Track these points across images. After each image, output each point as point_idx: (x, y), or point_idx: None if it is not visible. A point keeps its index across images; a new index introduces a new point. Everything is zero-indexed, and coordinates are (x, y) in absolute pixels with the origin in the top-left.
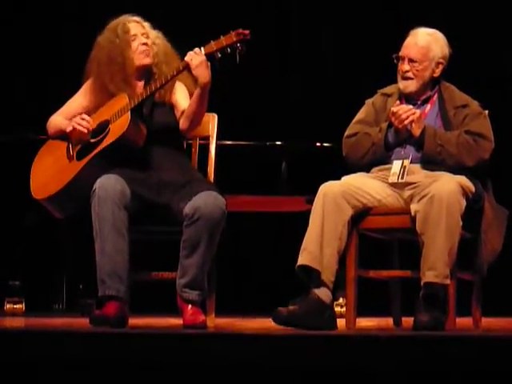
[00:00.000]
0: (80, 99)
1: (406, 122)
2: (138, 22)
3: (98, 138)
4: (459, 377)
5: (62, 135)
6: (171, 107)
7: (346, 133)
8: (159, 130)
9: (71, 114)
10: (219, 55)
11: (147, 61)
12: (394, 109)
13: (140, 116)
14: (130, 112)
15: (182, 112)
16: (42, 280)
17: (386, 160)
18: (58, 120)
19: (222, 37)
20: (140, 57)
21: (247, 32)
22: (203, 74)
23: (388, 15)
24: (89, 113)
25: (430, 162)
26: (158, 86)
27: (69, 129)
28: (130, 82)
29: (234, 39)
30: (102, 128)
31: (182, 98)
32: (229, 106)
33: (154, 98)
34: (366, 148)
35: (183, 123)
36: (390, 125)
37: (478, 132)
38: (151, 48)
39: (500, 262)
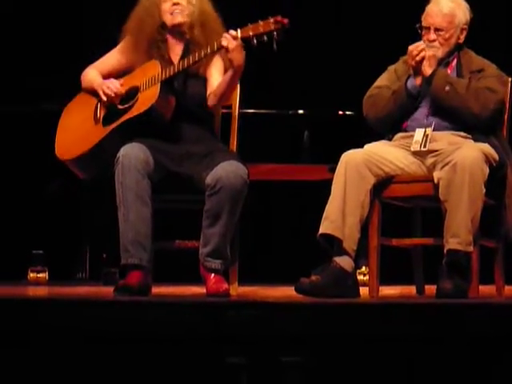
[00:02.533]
0: (117, 55)
1: (417, 57)
2: None
3: (126, 106)
4: (482, 344)
5: (93, 91)
6: (204, 80)
7: (366, 95)
8: (189, 103)
9: (106, 69)
10: (255, 41)
11: (179, 19)
12: (410, 47)
13: (170, 88)
14: (160, 84)
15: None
16: (65, 249)
17: (409, 109)
18: (92, 75)
19: (260, 22)
20: (171, 17)
21: (286, 21)
22: (237, 57)
23: None
24: (124, 70)
25: (436, 104)
26: (192, 62)
27: (100, 93)
28: (166, 41)
29: (272, 27)
30: (132, 95)
31: (216, 73)
32: (251, 74)
33: (189, 68)
34: (387, 98)
35: (211, 100)
36: (409, 76)
37: (487, 86)
38: (187, 7)
39: None
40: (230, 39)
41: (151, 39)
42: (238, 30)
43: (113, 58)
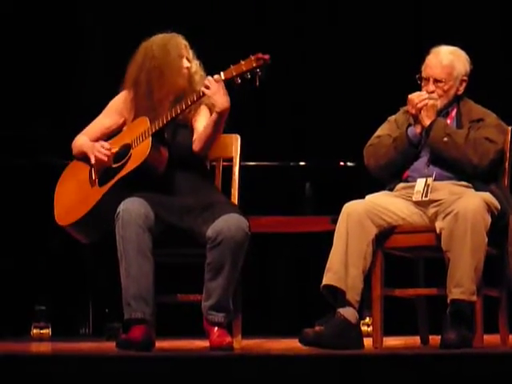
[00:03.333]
0: (104, 119)
1: (419, 105)
2: (185, 46)
3: (120, 164)
4: None
5: (85, 157)
6: (193, 129)
7: (367, 144)
8: (182, 153)
9: (95, 134)
10: (239, 80)
11: (185, 85)
12: (410, 95)
13: (161, 140)
14: (151, 138)
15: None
16: (68, 305)
17: (410, 156)
18: (82, 141)
19: (241, 61)
20: (182, 79)
21: (267, 57)
22: (220, 100)
23: (410, 35)
24: (113, 131)
25: (436, 155)
26: (179, 111)
27: (91, 157)
28: (167, 99)
29: (254, 64)
30: (124, 152)
31: (202, 120)
32: (252, 126)
33: (178, 119)
34: (387, 146)
35: (196, 145)
36: (410, 124)
37: (486, 136)
38: (192, 75)
39: None
40: (212, 82)
41: (159, 93)
42: (221, 73)
43: (100, 123)
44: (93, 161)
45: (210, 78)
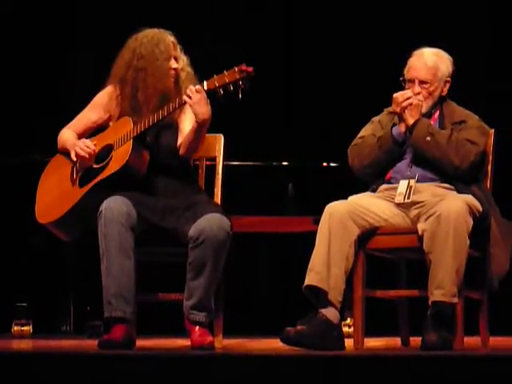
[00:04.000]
0: (89, 114)
1: (403, 104)
2: (174, 44)
3: (101, 165)
4: None
5: (68, 153)
6: (176, 128)
7: (351, 144)
8: (165, 154)
9: (81, 128)
10: (221, 92)
11: (172, 85)
12: (395, 94)
13: (143, 143)
14: (132, 141)
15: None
16: (50, 302)
17: (395, 156)
18: (66, 136)
19: (225, 72)
20: (169, 80)
21: (251, 69)
22: (201, 111)
23: (392, 36)
24: (99, 126)
25: (418, 155)
26: (161, 116)
27: (73, 155)
28: (153, 99)
29: (237, 76)
30: (106, 153)
31: (187, 120)
32: (235, 126)
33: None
34: (372, 145)
35: (182, 149)
36: (395, 124)
37: (467, 138)
38: (179, 74)
39: (508, 281)
40: (193, 92)
41: (146, 92)
42: (204, 83)
43: (85, 117)
44: (74, 159)
45: (191, 87)
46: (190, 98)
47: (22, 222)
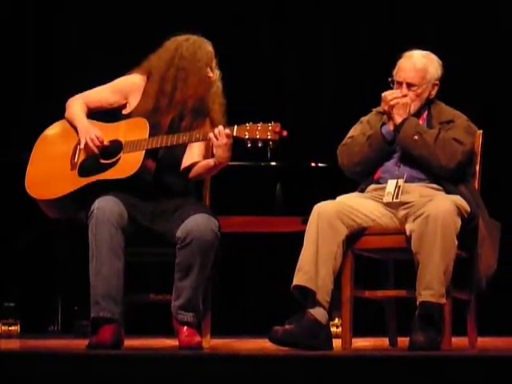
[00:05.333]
0: (108, 94)
1: (392, 102)
2: (212, 53)
3: (107, 162)
4: None
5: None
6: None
7: (340, 144)
8: (170, 166)
9: (95, 104)
10: (249, 145)
11: (206, 93)
12: (384, 93)
13: (153, 156)
14: (144, 152)
15: (191, 162)
16: (37, 301)
17: (384, 154)
18: (77, 110)
19: (258, 125)
20: (204, 87)
21: (285, 134)
22: (223, 154)
23: (382, 37)
24: (111, 109)
25: (405, 153)
26: (181, 141)
27: (82, 141)
28: (186, 103)
29: (269, 136)
30: (114, 149)
31: (200, 143)
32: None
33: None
34: (361, 144)
35: (187, 172)
36: (384, 123)
37: (454, 137)
38: (212, 85)
39: (495, 282)
40: (222, 136)
41: (175, 94)
42: (235, 128)
43: (103, 96)
44: (82, 146)
45: (221, 128)
46: (216, 138)
47: (9, 222)
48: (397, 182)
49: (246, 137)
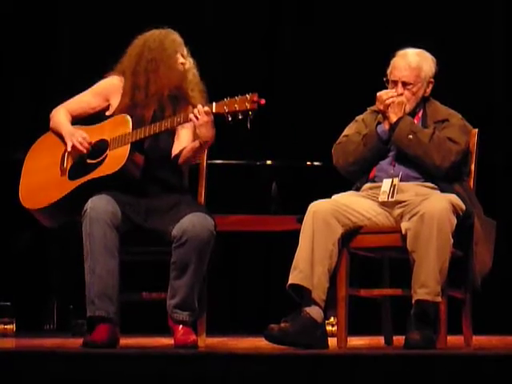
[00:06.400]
0: (89, 98)
1: (387, 101)
2: (181, 43)
3: (95, 161)
4: None
5: (61, 136)
6: (174, 132)
7: (335, 143)
8: (158, 158)
9: (78, 111)
10: (230, 118)
11: (179, 81)
12: (379, 93)
13: (139, 148)
14: (129, 146)
15: (178, 147)
16: (33, 300)
17: (380, 153)
18: (62, 118)
19: (236, 98)
20: (177, 74)
21: (263, 102)
22: (206, 134)
23: (376, 35)
24: (94, 113)
25: (400, 152)
26: (163, 128)
27: (69, 145)
28: (161, 94)
29: (248, 106)
30: (100, 148)
31: (186, 129)
32: (219, 125)
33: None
34: (357, 143)
35: (175, 156)
36: (379, 123)
37: (449, 136)
38: (186, 72)
39: (490, 280)
40: (202, 114)
41: (151, 87)
42: (213, 105)
43: (85, 101)
44: (69, 148)
45: (200, 107)
46: (197, 118)
47: (5, 221)
48: (392, 181)
49: (226, 111)
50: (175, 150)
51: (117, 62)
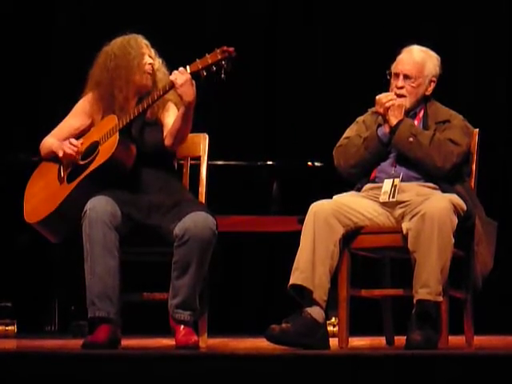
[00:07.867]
0: (72, 121)
1: (386, 104)
2: (146, 44)
3: (88, 160)
4: None
5: (54, 157)
6: (160, 125)
7: (336, 145)
8: (149, 150)
9: (63, 135)
10: (205, 73)
11: (149, 82)
12: (378, 96)
13: (129, 136)
14: (118, 133)
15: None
16: (34, 301)
17: (381, 155)
18: (50, 142)
19: (207, 55)
20: (145, 76)
21: (232, 49)
22: (188, 92)
23: (380, 34)
24: (81, 133)
25: (401, 155)
26: (146, 106)
27: (60, 153)
28: (132, 97)
29: (219, 57)
30: (92, 150)
31: (170, 116)
32: (220, 125)
33: (145, 116)
34: (358, 145)
35: (168, 140)
36: (380, 125)
37: (450, 138)
38: (155, 71)
39: (492, 280)
40: (178, 74)
41: (124, 91)
42: (187, 66)
43: (67, 125)
44: (61, 155)
45: (175, 71)
46: (177, 79)
47: (6, 222)
48: (393, 182)
49: (200, 67)
50: (165, 135)
51: (87, 79)
